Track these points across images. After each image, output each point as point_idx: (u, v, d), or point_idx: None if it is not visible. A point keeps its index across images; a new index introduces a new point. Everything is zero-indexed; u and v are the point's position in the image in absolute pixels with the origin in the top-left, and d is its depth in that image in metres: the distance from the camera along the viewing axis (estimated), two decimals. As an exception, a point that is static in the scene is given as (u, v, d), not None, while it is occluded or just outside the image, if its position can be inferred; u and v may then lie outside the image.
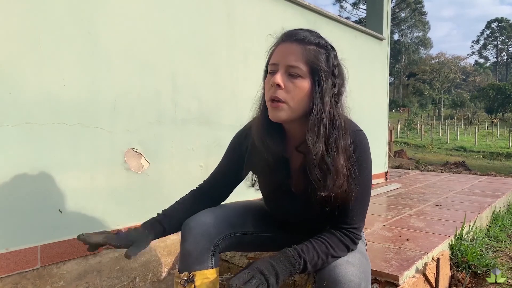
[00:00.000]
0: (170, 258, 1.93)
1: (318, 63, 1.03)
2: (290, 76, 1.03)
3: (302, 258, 1.02)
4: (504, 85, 39.78)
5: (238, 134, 1.27)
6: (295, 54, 1.03)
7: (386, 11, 4.08)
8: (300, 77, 1.02)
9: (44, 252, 1.46)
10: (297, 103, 1.03)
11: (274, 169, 1.14)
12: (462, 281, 1.89)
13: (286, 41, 1.05)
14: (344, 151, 1.05)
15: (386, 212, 2.63)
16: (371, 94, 3.87)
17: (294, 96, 1.03)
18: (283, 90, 1.02)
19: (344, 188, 1.06)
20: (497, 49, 74.05)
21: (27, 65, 1.42)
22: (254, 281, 0.94)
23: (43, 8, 1.45)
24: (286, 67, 1.03)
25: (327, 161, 1.03)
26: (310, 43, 1.04)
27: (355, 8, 56.68)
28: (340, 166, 1.04)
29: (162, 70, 1.89)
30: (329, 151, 1.04)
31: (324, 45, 1.06)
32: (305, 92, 1.03)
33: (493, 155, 14.09)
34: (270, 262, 0.99)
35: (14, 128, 1.38)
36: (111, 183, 1.68)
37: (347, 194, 1.07)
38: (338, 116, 1.05)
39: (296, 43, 1.03)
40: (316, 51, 1.04)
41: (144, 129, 1.81)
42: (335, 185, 1.04)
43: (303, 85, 1.03)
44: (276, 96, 1.03)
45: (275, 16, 2.59)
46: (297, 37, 1.04)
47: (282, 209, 1.25)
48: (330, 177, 1.04)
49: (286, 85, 1.02)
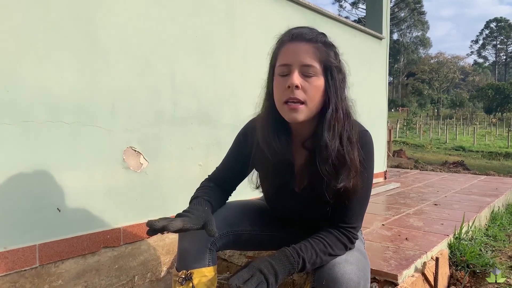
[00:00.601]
0: (169, 257, 1.93)
1: (330, 59, 1.05)
2: (305, 76, 1.03)
3: (300, 257, 1.02)
4: (503, 85, 39.80)
5: (243, 130, 1.26)
6: (309, 53, 1.03)
7: (385, 11, 4.08)
8: (315, 76, 1.03)
9: (42, 251, 1.46)
10: (313, 102, 1.04)
11: (279, 170, 1.14)
12: (461, 280, 1.90)
13: (294, 41, 1.05)
14: (356, 144, 1.07)
15: (385, 212, 2.63)
16: (370, 93, 3.87)
17: (311, 95, 1.03)
18: (300, 91, 1.02)
19: (358, 179, 1.07)
20: (496, 49, 74.16)
21: (25, 63, 1.41)
22: (253, 280, 0.94)
23: (41, 7, 1.45)
24: (301, 67, 1.03)
25: (344, 155, 1.04)
26: (319, 41, 1.05)
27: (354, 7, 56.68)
28: (354, 158, 1.05)
29: (161, 69, 1.89)
30: (344, 145, 1.05)
31: (330, 43, 1.08)
32: (320, 90, 1.04)
33: (492, 154, 14.10)
34: (269, 261, 0.99)
35: (12, 126, 1.38)
36: (110, 182, 1.68)
37: (357, 187, 1.07)
38: (350, 109, 1.09)
39: (305, 42, 1.04)
40: (326, 48, 1.05)
41: (143, 128, 1.81)
42: (350, 176, 1.05)
43: (318, 84, 1.04)
44: (295, 97, 1.02)
45: (274, 15, 2.58)
46: (306, 36, 1.04)
47: (283, 208, 1.25)
48: (345, 169, 1.05)
49: (303, 85, 1.03)
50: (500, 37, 72.62)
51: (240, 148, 1.25)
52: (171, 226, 0.97)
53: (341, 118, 1.05)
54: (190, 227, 1.00)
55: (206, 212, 1.07)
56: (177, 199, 1.94)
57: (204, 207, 1.10)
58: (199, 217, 1.03)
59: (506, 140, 17.46)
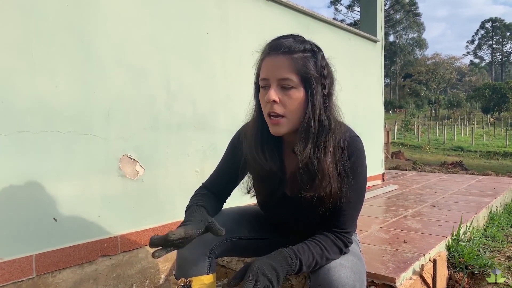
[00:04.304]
0: (167, 264, 1.92)
1: (307, 70, 1.03)
2: (283, 88, 1.03)
3: (298, 259, 1.02)
4: (499, 85, 39.94)
5: (237, 135, 1.26)
6: (284, 67, 1.02)
7: (379, 13, 4.10)
8: (294, 88, 1.03)
9: (39, 261, 1.45)
10: (294, 114, 1.04)
11: (270, 176, 1.15)
12: (460, 282, 1.89)
13: (271, 54, 1.05)
14: (333, 152, 1.06)
15: (383, 214, 2.63)
16: (366, 97, 3.88)
17: (290, 108, 1.03)
18: (279, 105, 1.03)
19: (333, 188, 1.06)
20: (492, 49, 74.48)
21: (20, 73, 1.41)
22: (259, 285, 0.94)
23: (35, 16, 1.45)
24: (278, 80, 1.03)
25: (314, 163, 1.05)
26: (296, 51, 1.04)
27: (350, 10, 56.97)
28: (326, 167, 1.05)
29: (156, 76, 1.89)
30: (316, 153, 1.05)
31: (310, 49, 1.06)
32: (300, 102, 1.04)
33: (490, 154, 14.12)
34: (269, 263, 0.99)
35: (7, 137, 1.38)
36: (106, 190, 1.68)
37: (336, 195, 1.07)
38: (327, 118, 1.06)
39: (282, 55, 1.03)
40: (303, 58, 1.04)
41: (138, 135, 1.81)
42: (322, 186, 1.05)
43: (297, 96, 1.03)
44: (274, 111, 1.03)
45: (268, 20, 2.59)
46: (283, 48, 1.03)
47: (277, 213, 1.25)
48: (317, 178, 1.05)
49: (281, 99, 1.03)
50: (495, 37, 72.98)
51: (233, 153, 1.25)
52: (172, 234, 0.94)
53: (314, 130, 1.04)
54: (193, 233, 0.99)
55: (204, 215, 1.06)
56: (174, 206, 1.94)
57: (200, 212, 1.09)
58: (199, 222, 1.02)
59: (504, 140, 17.48)
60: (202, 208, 1.13)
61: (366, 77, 3.89)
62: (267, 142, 1.12)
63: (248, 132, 1.15)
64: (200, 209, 1.12)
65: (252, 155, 1.12)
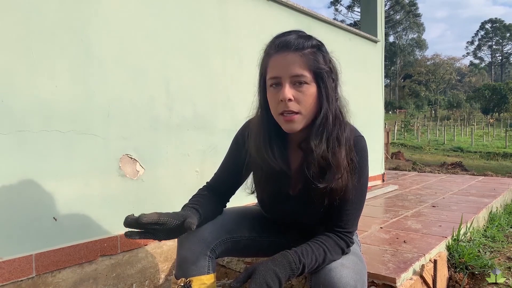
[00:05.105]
0: (167, 264, 1.92)
1: (319, 65, 1.04)
2: (297, 85, 1.03)
3: (301, 263, 1.02)
4: (499, 85, 39.96)
5: (240, 132, 1.26)
6: (296, 64, 1.02)
7: (380, 14, 4.10)
8: (306, 84, 1.03)
9: (39, 261, 1.45)
10: (308, 110, 1.05)
11: (274, 173, 1.14)
12: (460, 282, 1.89)
13: (280, 52, 1.04)
14: (345, 143, 1.07)
15: (383, 214, 2.63)
16: (366, 97, 3.88)
17: (305, 104, 1.04)
18: (294, 102, 1.03)
19: (345, 180, 1.07)
20: (492, 49, 74.52)
21: (20, 73, 1.41)
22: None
23: (35, 16, 1.45)
24: (291, 78, 1.02)
25: (329, 157, 1.05)
26: (306, 47, 1.04)
27: (350, 11, 57.00)
28: (341, 159, 1.06)
29: (156, 76, 1.89)
30: (330, 146, 1.05)
31: (317, 45, 1.07)
32: (314, 97, 1.04)
33: (490, 155, 14.13)
34: (273, 269, 0.98)
35: (7, 136, 1.37)
36: (106, 190, 1.68)
37: (346, 187, 1.08)
38: (340, 110, 1.09)
39: (293, 52, 1.03)
40: (314, 53, 1.04)
41: (138, 135, 1.81)
42: (335, 177, 1.06)
43: (311, 91, 1.04)
44: (290, 109, 1.03)
45: (269, 20, 2.59)
46: (292, 45, 1.03)
47: (279, 211, 1.25)
48: (331, 170, 1.06)
49: (295, 95, 1.03)
50: (495, 38, 73.02)
51: (237, 150, 1.24)
52: (144, 216, 0.97)
53: (330, 123, 1.06)
54: (167, 221, 0.99)
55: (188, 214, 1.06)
56: (174, 206, 1.92)
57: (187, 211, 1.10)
58: (179, 215, 1.03)
59: (504, 140, 17.50)
60: (193, 210, 1.13)
61: (366, 77, 3.89)
62: (275, 140, 1.12)
63: (254, 131, 1.14)
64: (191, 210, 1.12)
65: (260, 153, 1.11)
